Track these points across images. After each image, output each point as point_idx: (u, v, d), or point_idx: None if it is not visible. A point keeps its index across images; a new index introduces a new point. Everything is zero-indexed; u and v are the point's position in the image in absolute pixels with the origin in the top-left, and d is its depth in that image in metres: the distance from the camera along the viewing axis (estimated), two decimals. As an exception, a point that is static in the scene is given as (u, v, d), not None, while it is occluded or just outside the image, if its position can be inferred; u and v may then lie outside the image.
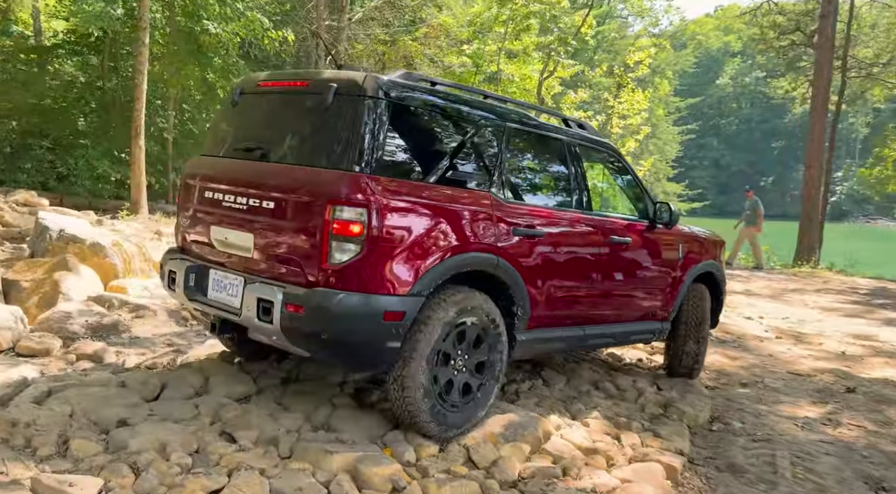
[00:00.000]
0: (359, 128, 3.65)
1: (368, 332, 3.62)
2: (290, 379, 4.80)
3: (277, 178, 3.82)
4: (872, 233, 45.99)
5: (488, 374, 4.18)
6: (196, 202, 4.29)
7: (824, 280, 16.84)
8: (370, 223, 3.53)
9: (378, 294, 3.60)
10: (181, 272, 4.21)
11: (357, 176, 3.59)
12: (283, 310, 3.57)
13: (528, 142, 4.80)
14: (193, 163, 4.59)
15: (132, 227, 14.80)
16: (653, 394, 5.48)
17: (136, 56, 16.72)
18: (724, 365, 7.09)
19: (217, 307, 4.04)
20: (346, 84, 3.78)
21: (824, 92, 19.80)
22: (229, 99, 4.47)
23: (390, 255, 3.63)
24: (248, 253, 3.90)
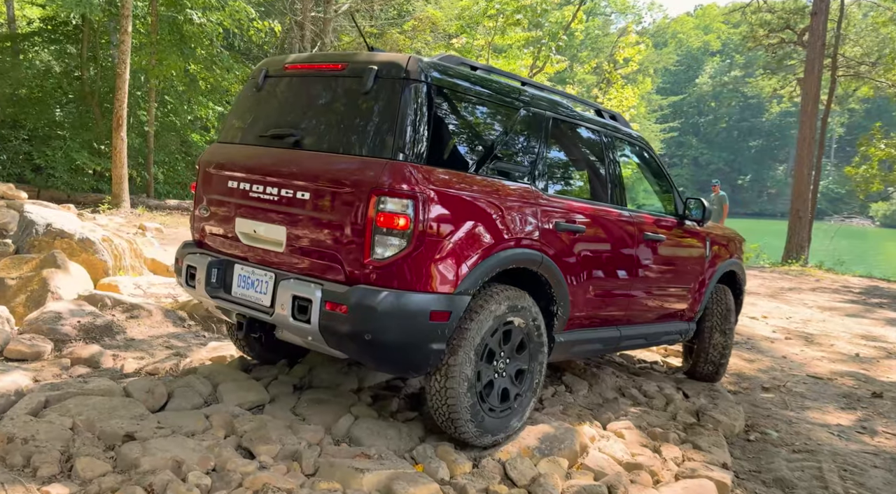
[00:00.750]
0: (403, 113, 3.40)
1: (413, 333, 3.37)
2: (302, 386, 4.47)
3: (314, 167, 3.55)
4: (849, 232, 46.47)
5: (527, 384, 4.00)
6: (218, 192, 4.00)
7: (816, 278, 16.79)
8: (417, 216, 3.29)
9: (424, 292, 3.36)
10: (202, 267, 3.90)
11: (403, 165, 3.34)
12: (322, 309, 3.33)
13: (568, 133, 4.58)
14: (213, 150, 4.25)
15: (114, 222, 14.30)
16: (682, 401, 5.22)
17: (119, 44, 16.22)
18: (742, 368, 6.87)
19: (243, 305, 3.76)
20: (387, 66, 3.53)
21: (815, 90, 19.73)
22: (252, 82, 4.17)
23: (437, 251, 3.38)
24: (280, 247, 3.64)
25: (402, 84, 3.45)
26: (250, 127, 4.09)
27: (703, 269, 5.60)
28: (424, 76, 3.50)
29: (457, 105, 3.77)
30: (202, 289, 3.91)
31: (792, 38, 23.22)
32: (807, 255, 20.48)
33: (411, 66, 3.49)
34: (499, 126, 4.00)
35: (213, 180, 4.05)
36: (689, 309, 5.55)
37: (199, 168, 4.22)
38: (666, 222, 5.23)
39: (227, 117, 4.32)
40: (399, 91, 3.44)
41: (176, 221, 16.28)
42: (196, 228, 4.24)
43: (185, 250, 4.22)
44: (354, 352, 3.55)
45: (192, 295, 4.16)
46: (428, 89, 3.51)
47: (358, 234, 3.33)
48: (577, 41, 42.56)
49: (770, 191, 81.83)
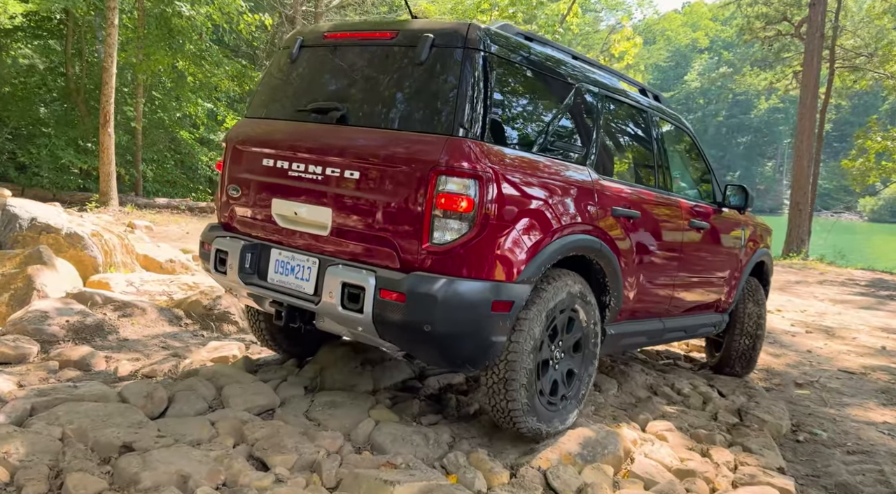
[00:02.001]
0: (464, 86, 3.12)
1: (475, 325, 3.11)
2: (314, 388, 4.09)
3: (365, 145, 3.27)
4: (839, 227, 46.60)
5: (583, 370, 3.80)
6: (250, 171, 3.70)
7: (820, 271, 16.53)
8: (481, 197, 3.03)
9: (485, 280, 3.11)
10: (235, 252, 3.60)
11: (465, 141, 3.07)
12: (376, 297, 3.06)
13: (620, 112, 4.35)
14: (243, 125, 3.94)
15: (102, 220, 13.84)
16: (720, 400, 4.87)
17: (105, 38, 15.74)
18: (770, 363, 6.53)
19: (282, 292, 3.46)
20: (445, 35, 3.24)
21: (814, 82, 19.48)
22: (285, 53, 3.85)
23: (499, 236, 3.13)
24: (324, 230, 3.36)
25: (463, 54, 3.17)
26: (285, 101, 3.78)
27: (739, 259, 5.43)
28: (485, 46, 3.23)
29: (516, 78, 3.51)
30: (235, 276, 3.60)
31: (789, 30, 22.99)
32: (807, 249, 20.24)
33: (472, 34, 3.20)
34: (556, 103, 3.73)
35: (245, 158, 3.74)
36: (724, 301, 5.35)
37: (226, 145, 3.90)
38: (708, 209, 5.03)
39: (256, 91, 4.04)
40: (459, 61, 3.16)
41: (166, 219, 15.81)
42: (224, 210, 3.90)
43: (212, 233, 3.88)
44: (409, 345, 3.31)
45: (222, 282, 3.86)
46: (489, 60, 3.24)
47: (415, 217, 3.06)
48: (571, 36, 42.22)
49: (759, 187, 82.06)
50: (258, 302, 3.74)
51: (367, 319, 3.10)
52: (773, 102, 78.57)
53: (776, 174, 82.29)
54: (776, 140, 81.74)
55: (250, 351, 4.97)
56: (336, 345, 4.51)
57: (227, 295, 5.85)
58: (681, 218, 4.62)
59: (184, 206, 19.21)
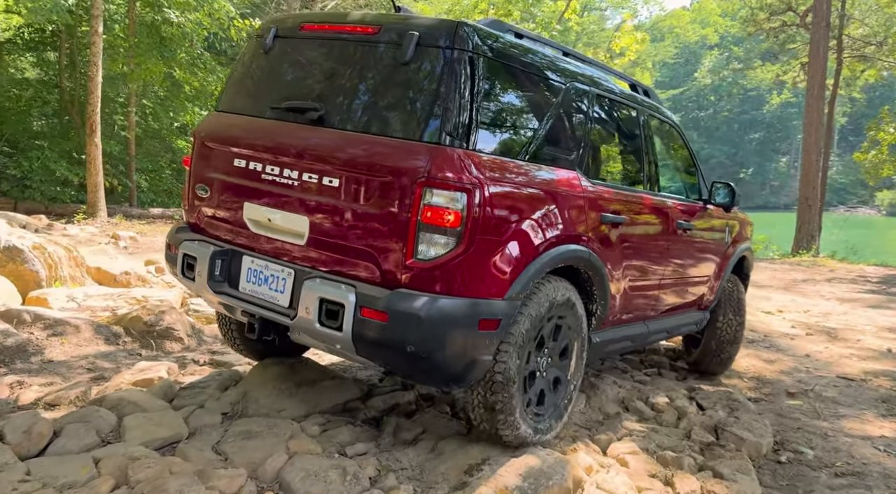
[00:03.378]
0: (451, 90, 2.93)
1: (460, 344, 2.96)
2: (235, 414, 3.68)
3: (345, 150, 3.06)
4: (855, 222, 45.69)
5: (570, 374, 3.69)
6: (220, 171, 3.48)
7: (830, 269, 15.96)
8: (469, 211, 2.86)
9: (472, 297, 2.96)
10: (204, 258, 3.38)
11: (453, 151, 2.90)
12: (356, 316, 2.89)
13: (609, 111, 4.18)
14: (212, 120, 3.68)
15: (86, 231, 13.62)
16: (697, 415, 4.42)
17: (90, 47, 15.48)
18: (762, 370, 6.06)
19: (255, 303, 3.27)
20: (431, 33, 3.03)
21: (821, 73, 18.91)
22: (257, 43, 3.60)
23: (488, 250, 2.98)
24: (300, 239, 3.17)
25: (451, 54, 2.97)
26: (258, 96, 3.54)
27: (723, 256, 5.37)
28: (474, 46, 3.03)
29: (506, 80, 3.33)
30: (204, 283, 3.39)
31: (794, 21, 22.38)
32: (818, 245, 19.63)
33: (460, 33, 3.00)
34: (546, 104, 3.54)
35: (215, 156, 3.50)
36: (707, 298, 5.28)
37: (194, 140, 3.65)
38: (694, 208, 4.92)
39: (226, 83, 3.79)
40: (447, 63, 2.96)
41: (155, 229, 15.51)
42: (191, 210, 3.66)
43: (179, 236, 3.63)
44: (390, 364, 3.22)
45: (190, 288, 3.62)
46: (479, 61, 3.05)
47: (399, 231, 2.88)
48: (572, 36, 41.74)
49: (773, 184, 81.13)
50: (229, 311, 3.54)
51: (347, 338, 2.92)
52: (785, 97, 77.61)
53: (790, 170, 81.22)
54: (790, 135, 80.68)
55: (186, 371, 4.58)
56: (268, 364, 4.11)
57: (170, 311, 5.48)
58: (668, 219, 4.50)
59: (178, 216, 18.93)
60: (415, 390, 4.46)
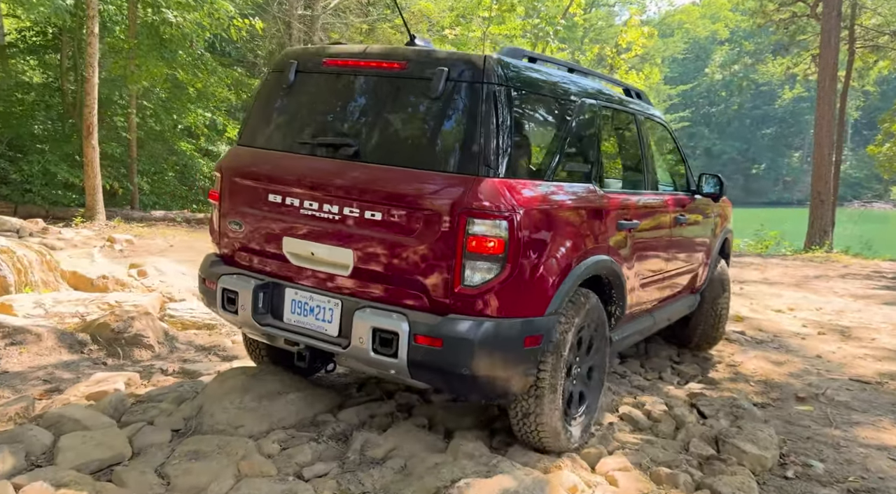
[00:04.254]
0: (486, 122, 3.06)
1: (509, 363, 3.12)
2: (188, 431, 3.39)
3: (387, 185, 3.13)
4: (870, 216, 45.00)
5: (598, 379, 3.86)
6: (255, 206, 3.52)
7: (844, 264, 15.53)
8: (511, 237, 2.99)
9: (518, 317, 3.10)
10: (246, 292, 3.41)
11: (493, 181, 3.03)
12: (411, 343, 3.00)
13: (613, 120, 4.35)
14: (239, 155, 3.72)
15: (81, 235, 13.40)
16: (696, 425, 4.08)
17: (86, 47, 15.27)
18: (770, 373, 5.70)
19: (302, 333, 3.34)
20: (461, 67, 3.14)
21: (832, 64, 18.41)
22: (279, 77, 3.64)
23: (529, 272, 3.11)
24: (345, 270, 3.24)
25: (482, 89, 3.09)
26: (285, 130, 3.59)
27: (711, 241, 5.68)
28: (502, 78, 3.16)
29: (530, 106, 3.46)
30: (248, 317, 3.42)
31: (804, 11, 21.87)
32: (831, 241, 19.16)
33: (489, 67, 3.12)
34: (564, 123, 3.67)
35: (246, 192, 3.55)
36: (699, 282, 5.58)
37: (220, 176, 3.69)
38: (686, 200, 5.14)
39: (248, 117, 3.85)
40: (479, 97, 3.08)
41: (154, 232, 15.30)
42: (223, 243, 3.72)
43: (215, 269, 3.66)
44: (443, 385, 3.38)
45: (232, 321, 3.66)
46: (508, 92, 3.18)
47: (446, 259, 3.00)
48: (579, 33, 41.33)
49: (786, 179, 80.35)
50: (271, 340, 3.61)
51: (402, 364, 3.03)
52: (797, 91, 76.80)
53: (803, 165, 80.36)
54: (803, 130, 79.82)
55: (150, 381, 4.30)
56: (229, 375, 3.82)
57: (142, 316, 5.20)
58: (668, 214, 4.73)
59: (180, 218, 18.72)
60: (393, 400, 4.17)
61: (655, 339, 6.32)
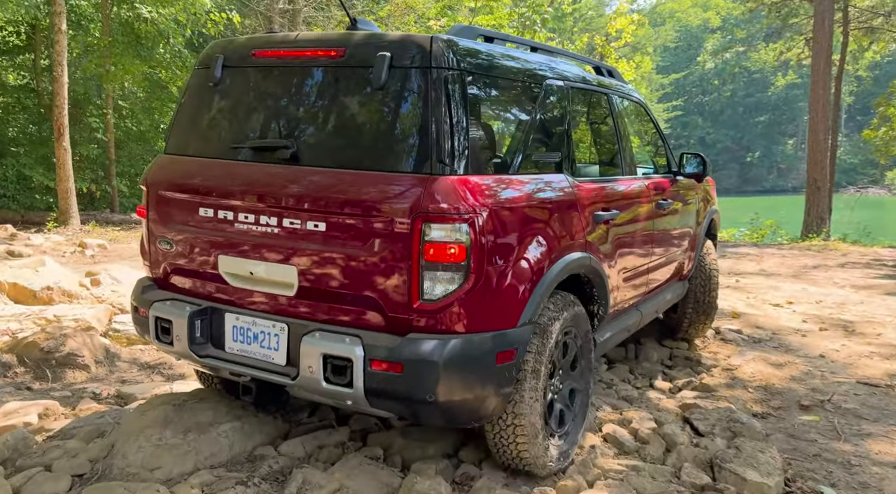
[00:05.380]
0: (438, 113, 2.72)
1: (481, 383, 2.80)
2: (92, 476, 2.91)
3: (328, 189, 2.79)
4: (865, 202, 44.61)
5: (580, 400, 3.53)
6: (184, 222, 3.16)
7: (842, 253, 15.07)
8: (475, 242, 2.67)
9: (487, 331, 2.79)
10: (181, 320, 3.05)
11: (450, 180, 2.70)
12: (367, 369, 2.67)
13: (584, 102, 4.07)
14: (163, 165, 3.37)
15: (52, 241, 12.91)
16: (688, 447, 3.61)
17: (54, 45, 14.74)
18: (770, 377, 5.24)
19: (246, 364, 2.99)
20: (404, 51, 2.80)
21: (826, 46, 17.94)
22: (203, 74, 3.28)
23: (498, 280, 2.80)
24: (290, 290, 2.90)
25: (430, 75, 2.74)
26: (213, 134, 3.25)
27: (696, 224, 5.47)
28: (453, 61, 2.81)
29: (488, 92, 3.13)
30: (185, 348, 3.06)
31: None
32: (828, 228, 18.73)
33: (437, 49, 2.77)
34: (528, 109, 3.36)
35: (175, 207, 3.20)
36: (687, 268, 5.40)
37: (146, 189, 3.34)
38: (667, 182, 4.85)
39: (174, 121, 3.45)
40: (429, 84, 2.74)
41: (130, 236, 14.79)
42: (154, 265, 3.35)
43: (146, 295, 3.29)
44: (408, 414, 2.95)
45: (167, 352, 3.27)
46: (461, 77, 2.83)
47: (401, 272, 2.67)
48: (568, 22, 40.80)
49: (780, 167, 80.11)
50: (215, 371, 3.25)
51: (359, 394, 2.70)
52: (790, 78, 76.47)
53: (798, 152, 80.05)
54: (796, 117, 79.52)
55: (75, 410, 3.83)
56: (149, 406, 3.33)
57: (78, 333, 4.71)
58: (649, 200, 4.44)
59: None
60: (347, 426, 3.69)
61: (646, 342, 5.89)
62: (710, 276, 5.67)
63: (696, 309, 5.67)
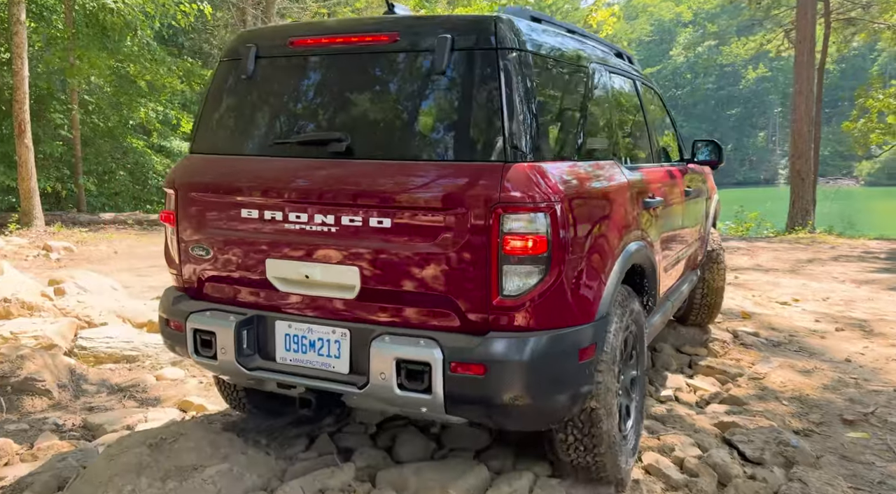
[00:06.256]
0: (507, 96, 2.57)
1: (565, 382, 2.66)
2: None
3: (394, 183, 2.64)
4: (836, 194, 45.16)
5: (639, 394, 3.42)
6: (222, 226, 2.96)
7: (831, 245, 14.90)
8: (555, 232, 2.51)
9: (568, 327, 2.65)
10: (226, 331, 2.86)
11: (525, 167, 2.55)
12: (447, 374, 2.52)
13: (620, 88, 3.89)
14: (195, 165, 3.13)
15: (13, 243, 12.19)
16: (745, 480, 3.17)
17: (13, 37, 13.96)
18: (801, 386, 4.84)
19: (302, 374, 2.82)
20: (468, 33, 2.65)
21: (810, 36, 17.74)
22: (234, 66, 3.06)
23: (577, 272, 2.67)
24: (351, 292, 2.75)
25: (498, 56, 2.61)
26: (250, 130, 3.04)
27: (707, 212, 5.48)
28: (518, 42, 2.67)
29: (547, 75, 2.93)
30: (232, 361, 2.86)
31: (778, -15, 21.22)
32: (813, 220, 18.59)
33: (503, 30, 2.64)
34: (580, 93, 3.19)
35: (213, 209, 2.99)
36: (699, 256, 5.36)
37: (174, 192, 3.09)
38: (684, 170, 4.77)
39: (200, 119, 3.20)
40: (497, 67, 2.60)
41: (98, 237, 14.10)
42: (186, 274, 3.11)
43: (180, 306, 3.06)
44: (486, 418, 2.80)
45: (209, 368, 3.04)
46: (526, 60, 2.70)
47: (477, 267, 2.54)
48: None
49: (752, 159, 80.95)
50: (258, 385, 3.06)
51: (437, 400, 2.56)
52: (761, 71, 77.16)
53: (769, 144, 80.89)
54: (767, 109, 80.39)
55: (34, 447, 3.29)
56: (122, 447, 2.82)
57: (37, 354, 4.16)
58: (679, 187, 4.41)
59: (132, 220, 17.51)
60: (352, 464, 3.20)
61: (663, 348, 5.48)
62: (717, 261, 5.68)
63: (706, 296, 5.67)
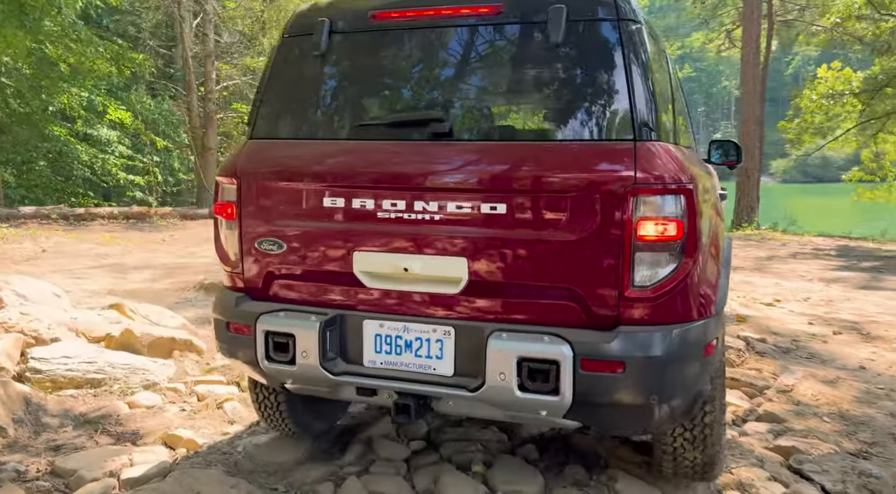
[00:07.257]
0: (632, 70, 2.40)
1: (695, 379, 2.45)
2: None
3: (511, 165, 2.42)
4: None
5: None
6: (300, 217, 2.73)
7: (781, 242, 15.15)
8: (690, 217, 2.32)
9: (698, 320, 2.45)
10: (309, 333, 2.61)
11: (658, 146, 2.37)
12: (578, 372, 2.31)
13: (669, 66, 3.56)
14: (264, 151, 2.85)
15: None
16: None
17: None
18: (833, 399, 4.56)
19: (397, 378, 2.58)
20: (585, 2, 2.44)
21: (756, 37, 18.02)
22: (304, 41, 2.83)
23: (704, 261, 2.46)
24: (456, 287, 2.50)
25: (622, 28, 2.42)
26: (327, 112, 2.86)
27: None
28: (636, 13, 2.49)
29: (654, 52, 2.69)
30: (315, 366, 2.63)
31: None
32: (758, 217, 18.93)
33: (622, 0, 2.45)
34: (670, 74, 3.07)
35: (288, 198, 2.75)
36: None
37: (238, 182, 2.82)
38: None
39: (261, 101, 2.92)
40: (621, 38, 2.42)
41: (20, 234, 12.95)
42: (251, 272, 2.86)
43: (246, 308, 2.81)
44: (610, 423, 2.60)
45: (283, 374, 2.75)
46: (643, 33, 2.50)
47: (607, 255, 2.32)
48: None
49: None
50: (331, 393, 2.82)
51: (565, 402, 2.34)
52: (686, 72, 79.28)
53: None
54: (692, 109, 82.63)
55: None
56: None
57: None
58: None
59: (56, 215, 16.27)
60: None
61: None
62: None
63: None
